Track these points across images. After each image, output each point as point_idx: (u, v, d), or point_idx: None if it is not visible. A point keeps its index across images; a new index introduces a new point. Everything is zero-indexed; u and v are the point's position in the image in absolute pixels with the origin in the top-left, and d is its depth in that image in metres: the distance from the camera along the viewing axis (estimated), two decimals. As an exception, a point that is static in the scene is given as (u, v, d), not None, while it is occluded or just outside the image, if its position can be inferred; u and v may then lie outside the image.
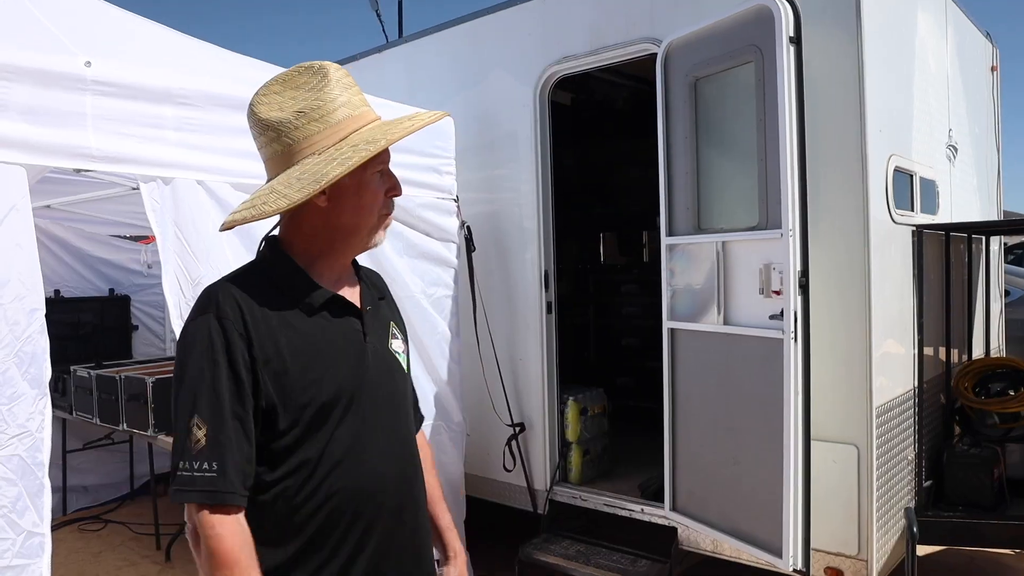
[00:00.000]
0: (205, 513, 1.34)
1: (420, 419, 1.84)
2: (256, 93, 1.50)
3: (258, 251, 1.57)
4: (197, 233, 2.70)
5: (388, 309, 1.71)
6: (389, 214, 1.59)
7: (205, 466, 1.34)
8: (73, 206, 4.83)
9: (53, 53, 2.30)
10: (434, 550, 1.75)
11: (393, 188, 1.57)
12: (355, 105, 1.51)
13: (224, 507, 1.34)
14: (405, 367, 1.66)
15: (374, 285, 1.69)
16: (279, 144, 1.46)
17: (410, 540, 1.58)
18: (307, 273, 1.51)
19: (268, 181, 1.49)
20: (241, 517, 1.37)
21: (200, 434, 1.34)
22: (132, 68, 2.51)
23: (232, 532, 1.34)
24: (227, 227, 1.49)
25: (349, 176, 1.44)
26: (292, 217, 1.51)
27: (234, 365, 1.38)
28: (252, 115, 1.48)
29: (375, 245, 1.59)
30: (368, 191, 1.51)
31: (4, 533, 2.11)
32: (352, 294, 1.59)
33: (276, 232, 1.57)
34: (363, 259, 1.71)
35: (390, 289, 1.79)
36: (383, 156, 1.52)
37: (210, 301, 1.43)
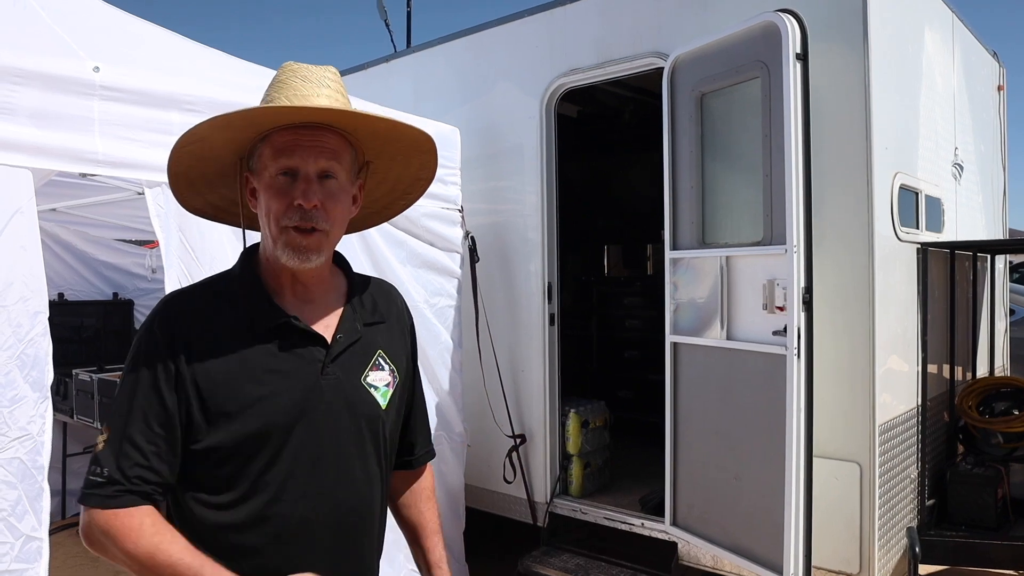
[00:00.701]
0: (100, 515, 1.26)
1: (424, 454, 1.72)
2: None
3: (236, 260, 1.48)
4: (201, 238, 2.71)
5: (384, 335, 1.53)
6: (300, 232, 1.34)
7: (97, 470, 1.27)
8: (78, 210, 4.84)
9: (62, 58, 2.31)
10: None
11: (301, 195, 1.32)
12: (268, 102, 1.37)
13: (120, 509, 1.26)
14: (383, 401, 1.47)
15: (369, 306, 1.52)
16: None
17: None
18: (267, 290, 1.40)
19: None
20: (136, 511, 1.26)
21: (101, 439, 1.29)
22: (140, 74, 2.52)
23: (134, 521, 1.26)
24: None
25: (258, 177, 1.37)
26: None
27: (156, 379, 1.31)
28: None
29: (292, 267, 1.37)
30: (266, 195, 1.35)
31: (3, 537, 2.10)
32: (325, 318, 1.43)
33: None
34: (365, 265, 1.64)
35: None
36: (285, 151, 1.33)
37: (157, 312, 1.37)
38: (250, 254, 1.45)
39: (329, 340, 1.41)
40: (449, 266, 3.93)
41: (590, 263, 7.21)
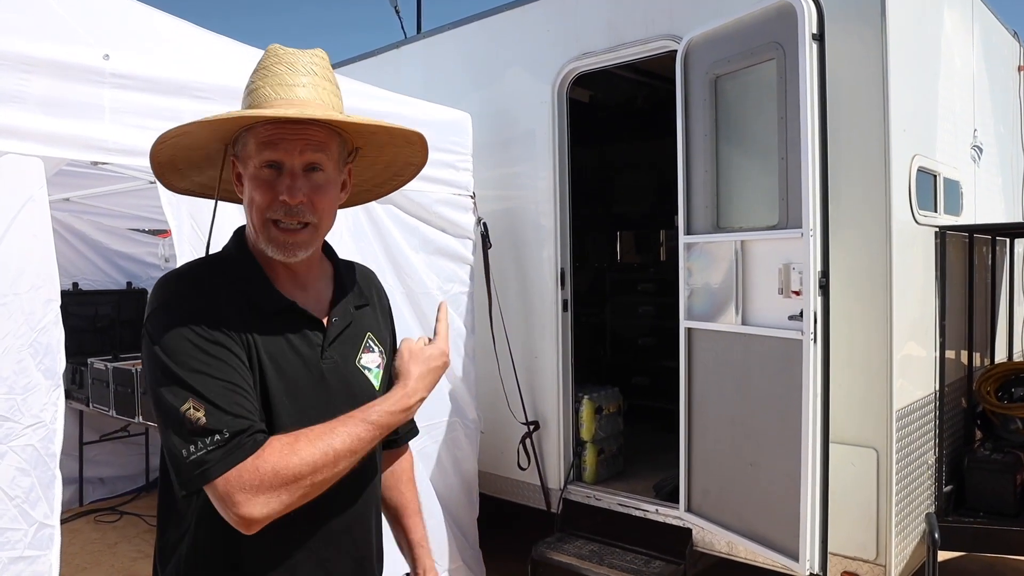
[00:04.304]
0: (244, 469, 1.18)
1: (407, 432, 1.71)
2: None
3: (226, 242, 1.45)
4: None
5: (371, 317, 1.54)
6: (284, 228, 1.32)
7: (217, 438, 1.19)
8: (92, 199, 4.87)
9: (72, 45, 2.30)
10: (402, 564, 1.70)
11: (286, 191, 1.29)
12: (265, 97, 1.34)
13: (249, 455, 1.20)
14: (376, 383, 1.48)
15: (355, 290, 1.52)
16: None
17: (350, 567, 1.46)
18: (265, 273, 1.38)
19: None
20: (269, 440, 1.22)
21: (200, 413, 1.20)
22: (150, 61, 2.51)
23: (278, 450, 1.20)
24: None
25: (244, 164, 1.35)
26: None
27: (213, 339, 1.26)
28: None
29: (278, 260, 1.36)
30: (249, 184, 1.33)
31: (16, 524, 2.11)
32: (317, 301, 1.44)
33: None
34: (377, 252, 1.63)
35: (405, 285, 1.69)
36: (269, 144, 1.30)
37: (167, 290, 1.32)
38: (241, 236, 1.43)
39: (325, 325, 1.42)
40: (461, 253, 3.92)
41: (603, 249, 7.18)
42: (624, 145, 6.80)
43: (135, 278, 6.08)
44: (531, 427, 4.26)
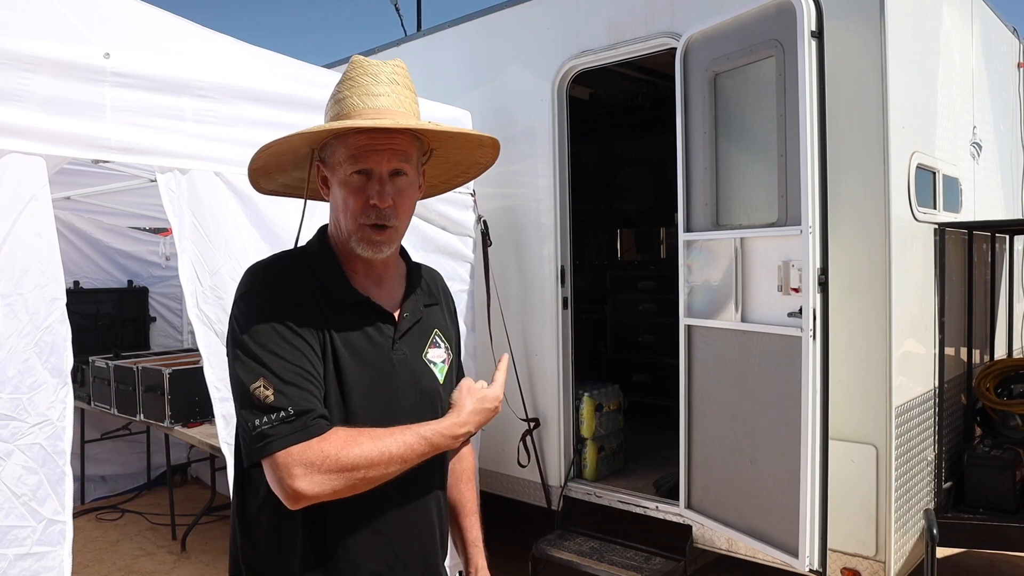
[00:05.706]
0: (310, 447, 1.29)
1: None
2: None
3: (311, 238, 1.57)
4: (215, 222, 2.71)
5: (438, 315, 1.66)
6: (375, 228, 1.45)
7: (283, 415, 1.30)
8: (93, 198, 4.88)
9: (72, 44, 2.31)
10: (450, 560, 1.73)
11: (376, 196, 1.43)
12: (352, 107, 1.45)
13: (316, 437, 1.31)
14: (440, 377, 1.59)
15: (425, 289, 1.64)
16: None
17: (419, 556, 1.53)
18: (343, 269, 1.50)
19: None
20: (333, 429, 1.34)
21: (268, 392, 1.31)
22: (151, 60, 2.52)
23: (342, 439, 1.31)
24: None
25: (331, 170, 1.48)
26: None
27: (292, 327, 1.37)
28: None
29: (367, 257, 1.49)
30: (342, 191, 1.46)
31: (24, 521, 2.13)
32: (390, 297, 1.55)
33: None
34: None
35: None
36: (360, 155, 1.43)
37: (255, 279, 1.45)
38: (324, 234, 1.56)
39: (396, 319, 1.53)
40: (462, 251, 3.93)
41: (604, 247, 7.19)
42: (624, 142, 6.81)
43: (136, 276, 6.09)
44: (531, 424, 4.27)
